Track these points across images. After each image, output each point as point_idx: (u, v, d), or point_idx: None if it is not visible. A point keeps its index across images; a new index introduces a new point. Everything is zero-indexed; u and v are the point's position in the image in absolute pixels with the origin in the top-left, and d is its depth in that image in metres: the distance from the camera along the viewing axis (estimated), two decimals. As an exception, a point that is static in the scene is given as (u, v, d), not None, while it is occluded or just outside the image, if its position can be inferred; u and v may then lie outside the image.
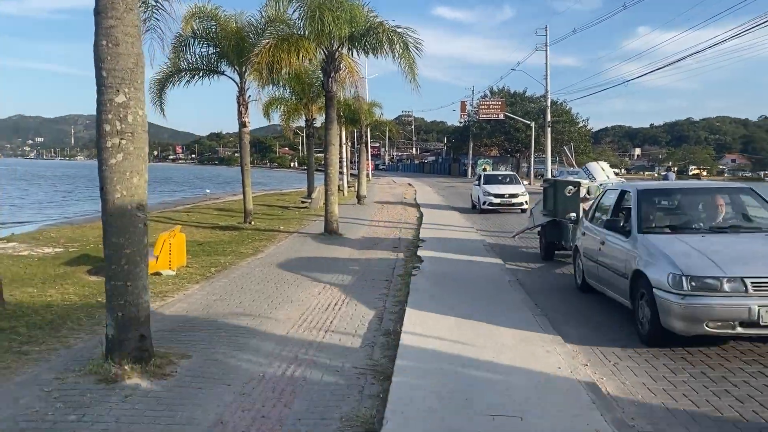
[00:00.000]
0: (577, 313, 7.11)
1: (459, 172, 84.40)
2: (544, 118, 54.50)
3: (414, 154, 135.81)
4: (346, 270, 9.85)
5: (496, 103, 63.11)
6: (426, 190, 39.12)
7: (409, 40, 13.21)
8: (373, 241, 13.70)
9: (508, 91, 72.94)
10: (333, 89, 14.13)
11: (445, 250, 11.77)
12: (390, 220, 18.54)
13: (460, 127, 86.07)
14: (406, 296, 7.58)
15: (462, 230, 15.70)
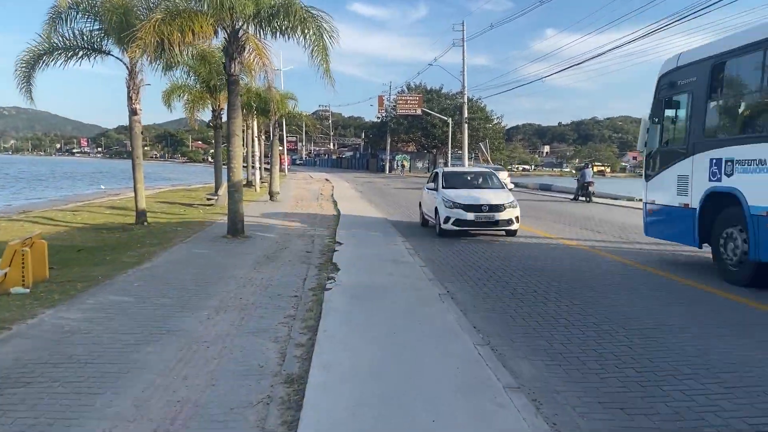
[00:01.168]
0: (523, 337, 5.97)
1: (377, 167, 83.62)
2: (460, 114, 54.30)
3: (332, 149, 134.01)
4: (249, 282, 8.31)
5: (414, 98, 62.53)
6: (344, 186, 37.76)
7: (323, 26, 11.80)
8: (284, 244, 12.17)
9: (425, 88, 72.74)
10: (236, 73, 12.45)
11: (364, 253, 10.46)
12: (304, 220, 17.02)
13: (378, 122, 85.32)
14: (318, 320, 6.17)
15: (379, 225, 14.46)
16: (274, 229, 14.66)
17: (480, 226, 13.21)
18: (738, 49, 8.52)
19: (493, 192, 14.01)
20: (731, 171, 8.33)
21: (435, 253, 11.22)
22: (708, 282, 8.57)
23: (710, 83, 9.12)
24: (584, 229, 15.42)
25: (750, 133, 8.30)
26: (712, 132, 9.20)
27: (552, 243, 12.99)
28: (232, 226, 12.64)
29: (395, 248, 11.45)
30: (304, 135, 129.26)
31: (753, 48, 8.12)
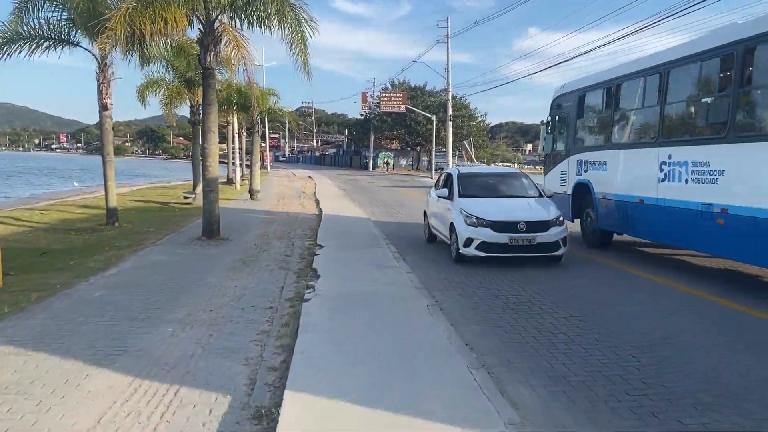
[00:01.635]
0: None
1: (360, 164, 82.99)
2: (444, 111, 53.88)
3: (315, 146, 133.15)
4: (221, 291, 7.67)
5: (398, 95, 61.94)
6: (327, 184, 37.07)
7: (302, 16, 11.20)
8: (262, 246, 11.53)
9: (409, 85, 72.27)
10: (211, 66, 11.77)
11: (346, 257, 9.86)
12: (285, 220, 16.36)
13: (361, 119, 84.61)
14: (295, 337, 5.57)
15: (363, 225, 13.84)
16: (252, 230, 13.99)
17: (516, 251, 9.51)
18: (590, 86, 12.44)
19: (530, 202, 10.50)
20: (586, 169, 12.20)
21: (427, 262, 10.66)
22: (695, 286, 8.12)
23: (578, 108, 12.91)
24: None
25: (594, 144, 12.30)
26: (578, 142, 12.94)
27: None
28: (207, 228, 11.98)
29: (379, 251, 10.86)
30: (287, 132, 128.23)
31: (598, 86, 12.07)
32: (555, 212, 10.01)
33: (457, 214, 10.03)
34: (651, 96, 10.13)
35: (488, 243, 9.47)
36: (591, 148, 12.21)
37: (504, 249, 9.49)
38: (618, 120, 11.38)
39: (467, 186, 10.92)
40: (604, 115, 11.94)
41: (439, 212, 11.44)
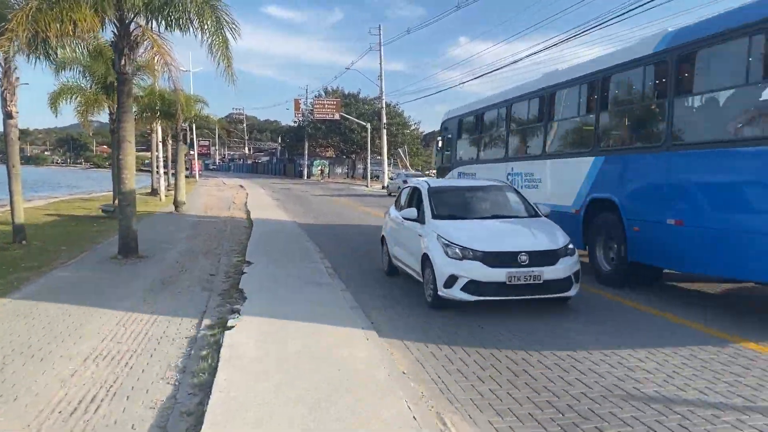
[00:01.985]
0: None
1: (295, 172, 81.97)
2: (379, 119, 53.83)
3: (247, 154, 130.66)
4: (134, 319, 6.96)
5: (331, 102, 61.50)
6: (259, 193, 36.13)
7: (223, 17, 10.55)
8: (185, 264, 10.78)
9: (343, 92, 72.02)
10: (127, 71, 10.95)
11: (277, 274, 9.26)
12: (211, 234, 15.54)
13: (295, 126, 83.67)
14: (214, 373, 4.97)
15: (296, 238, 13.25)
16: (175, 245, 13.15)
17: (516, 292, 7.06)
18: (465, 113, 15.33)
19: (527, 224, 8.20)
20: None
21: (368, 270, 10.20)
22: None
23: (458, 130, 15.68)
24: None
25: (469, 159, 14.83)
26: (459, 157, 15.54)
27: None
28: (123, 245, 11.11)
29: (313, 267, 10.33)
30: (217, 139, 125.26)
31: (470, 114, 14.92)
32: (563, 238, 7.60)
33: (432, 243, 7.62)
34: (502, 123, 13.32)
35: (479, 282, 7.02)
36: (467, 162, 14.90)
37: (500, 290, 7.04)
38: (483, 141, 14.52)
39: (442, 204, 8.56)
40: (474, 136, 15.03)
41: (404, 239, 8.98)
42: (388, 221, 10.26)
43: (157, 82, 22.91)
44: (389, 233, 9.98)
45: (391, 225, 10.00)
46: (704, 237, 7.14)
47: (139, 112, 24.15)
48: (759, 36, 6.41)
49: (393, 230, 9.79)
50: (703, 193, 7.26)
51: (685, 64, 7.77)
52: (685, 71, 7.84)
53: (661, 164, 7.96)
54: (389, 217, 10.22)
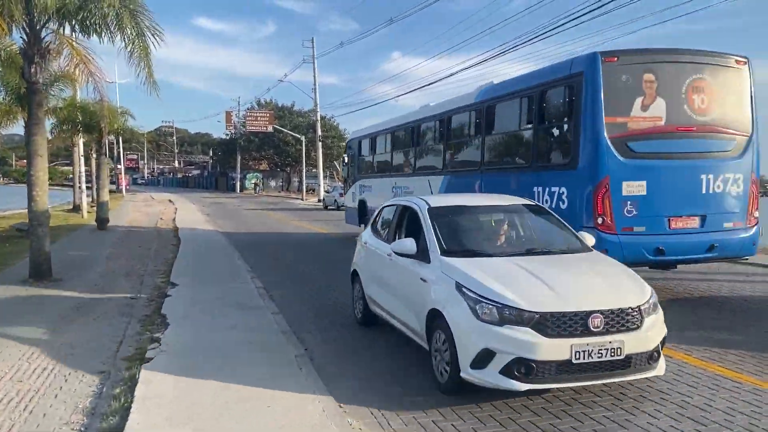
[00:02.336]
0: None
1: (227, 186, 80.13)
2: (314, 132, 53.31)
3: (177, 168, 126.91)
4: (41, 350, 6.28)
5: (264, 115, 60.49)
6: (189, 208, 34.87)
7: (144, 24, 9.94)
8: (104, 287, 10.02)
9: (276, 104, 71.00)
10: (38, 80, 10.14)
11: (203, 297, 8.68)
12: (136, 253, 14.67)
13: (227, 139, 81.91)
14: (127, 416, 4.43)
15: (227, 256, 12.61)
16: (95, 266, 12.28)
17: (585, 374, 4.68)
18: (361, 136, 18.56)
19: (584, 265, 5.82)
20: (363, 191, 17.43)
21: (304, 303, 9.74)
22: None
23: (358, 149, 18.68)
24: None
25: (365, 173, 17.81)
26: (360, 171, 18.38)
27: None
28: (35, 268, 10.23)
29: (243, 288, 9.79)
30: (146, 153, 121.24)
31: (365, 137, 18.07)
32: (643, 285, 5.21)
33: (448, 295, 5.09)
34: (387, 146, 16.44)
35: (531, 362, 4.52)
36: (365, 177, 17.74)
37: (562, 373, 4.61)
38: (376, 159, 17.51)
39: (452, 232, 6.05)
40: (369, 155, 17.95)
41: (393, 280, 6.45)
42: (361, 251, 7.67)
43: (78, 92, 21.79)
44: (364, 267, 7.39)
45: (366, 257, 7.39)
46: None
47: (57, 124, 22.84)
48: (516, 101, 10.05)
49: (371, 264, 7.22)
50: None
51: (489, 113, 10.90)
52: (489, 117, 10.92)
53: (478, 180, 10.89)
54: (363, 245, 7.60)
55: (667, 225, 8.20)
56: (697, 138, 8.39)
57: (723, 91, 8.59)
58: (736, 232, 8.60)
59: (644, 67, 8.27)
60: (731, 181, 8.50)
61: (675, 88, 8.28)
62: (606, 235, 7.85)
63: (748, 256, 9.19)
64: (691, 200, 8.31)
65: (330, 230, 21.53)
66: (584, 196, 8.15)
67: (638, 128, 8.17)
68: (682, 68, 8.44)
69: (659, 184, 8.09)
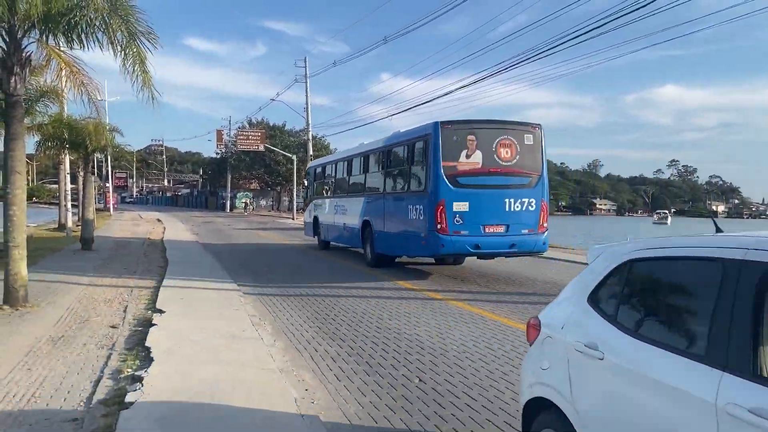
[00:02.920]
0: None
1: (217, 205, 79.32)
2: (305, 151, 52.80)
3: (166, 186, 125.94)
4: (7, 389, 5.55)
5: (256, 134, 59.94)
6: (178, 228, 34.09)
7: (136, 28, 9.32)
8: (84, 314, 9.28)
9: (268, 124, 70.55)
10: (18, 92, 9.46)
11: (191, 326, 7.97)
12: (121, 275, 13.92)
13: (218, 158, 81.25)
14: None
15: (216, 278, 11.91)
16: (75, 290, 11.51)
17: None
18: (316, 165, 22.74)
19: None
20: (316, 209, 21.32)
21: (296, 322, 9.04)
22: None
23: (314, 175, 22.37)
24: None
25: (318, 195, 21.34)
26: (315, 193, 21.91)
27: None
28: (8, 294, 9.46)
29: (234, 315, 9.10)
30: (134, 171, 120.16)
31: (318, 165, 22.23)
32: None
33: None
34: (329, 174, 20.46)
35: None
36: (318, 198, 21.60)
37: None
38: (324, 184, 21.05)
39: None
40: (320, 180, 21.73)
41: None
42: (561, 364, 3.28)
43: (66, 108, 21.11)
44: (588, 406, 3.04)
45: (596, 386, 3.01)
46: (395, 237, 14.40)
47: (43, 141, 22.13)
48: (400, 147, 14.53)
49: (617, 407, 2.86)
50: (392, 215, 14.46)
51: (387, 154, 15.19)
52: (388, 157, 15.17)
53: (382, 201, 15.17)
54: (581, 352, 3.13)
55: (482, 230, 12.35)
56: (502, 176, 12.64)
57: (522, 146, 12.72)
58: (530, 236, 12.68)
59: (468, 132, 12.57)
60: (527, 203, 12.60)
61: (488, 144, 12.50)
62: (443, 236, 12.11)
63: (541, 252, 13.48)
64: (499, 215, 12.42)
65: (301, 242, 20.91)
66: (431, 211, 12.27)
67: (464, 169, 12.45)
68: (494, 132, 12.69)
69: (477, 204, 12.30)
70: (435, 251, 12.82)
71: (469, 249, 12.36)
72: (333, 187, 19.95)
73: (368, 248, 15.90)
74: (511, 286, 12.74)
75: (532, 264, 16.54)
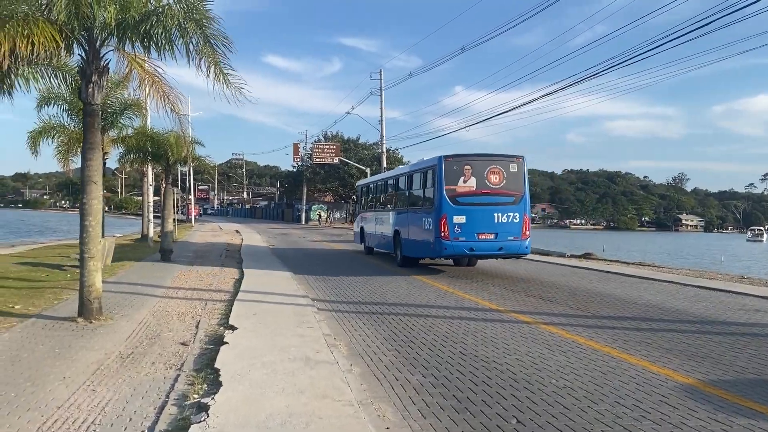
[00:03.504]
0: None
1: (293, 217, 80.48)
2: (378, 164, 52.61)
3: (245, 199, 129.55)
4: (66, 417, 5.14)
5: (331, 147, 60.46)
6: (255, 239, 34.43)
7: (210, 32, 8.99)
8: (155, 329, 8.97)
9: (342, 137, 71.06)
10: (95, 101, 9.35)
11: (263, 346, 7.45)
12: (197, 287, 13.75)
13: (294, 171, 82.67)
14: None
15: (289, 291, 11.43)
16: (150, 303, 11.34)
17: None
18: (364, 184, 26.61)
19: None
20: (362, 221, 24.93)
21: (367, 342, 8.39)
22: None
23: (361, 193, 26.56)
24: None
25: (365, 209, 24.88)
26: (362, 208, 25.55)
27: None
28: (83, 306, 9.30)
29: (308, 333, 8.52)
30: (216, 184, 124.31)
31: (366, 185, 25.95)
32: None
33: None
34: (374, 192, 23.70)
35: None
36: (364, 212, 24.95)
37: None
38: (369, 199, 24.30)
39: None
40: (366, 197, 25.14)
41: None
42: None
43: (147, 120, 21.57)
44: None
45: None
46: (414, 242, 17.60)
47: (125, 153, 22.70)
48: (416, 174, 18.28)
49: None
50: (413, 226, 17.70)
51: (411, 178, 18.68)
52: (409, 180, 18.80)
53: (405, 214, 18.58)
54: None
55: (476, 237, 15.60)
56: (492, 195, 15.86)
57: (507, 173, 15.92)
58: (515, 242, 15.84)
59: (464, 163, 15.86)
60: (512, 217, 15.76)
61: (481, 172, 15.80)
62: (445, 242, 15.50)
63: (524, 254, 16.60)
64: (489, 225, 15.64)
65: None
66: (437, 223, 15.63)
67: (462, 191, 15.75)
68: (485, 162, 15.93)
69: (472, 218, 15.59)
70: (439, 253, 16.12)
71: (465, 251, 16.08)
72: (374, 203, 23.56)
73: (398, 252, 19.28)
74: (606, 307, 11.58)
75: (628, 284, 15.18)
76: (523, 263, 20.00)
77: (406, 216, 18.61)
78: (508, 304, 11.87)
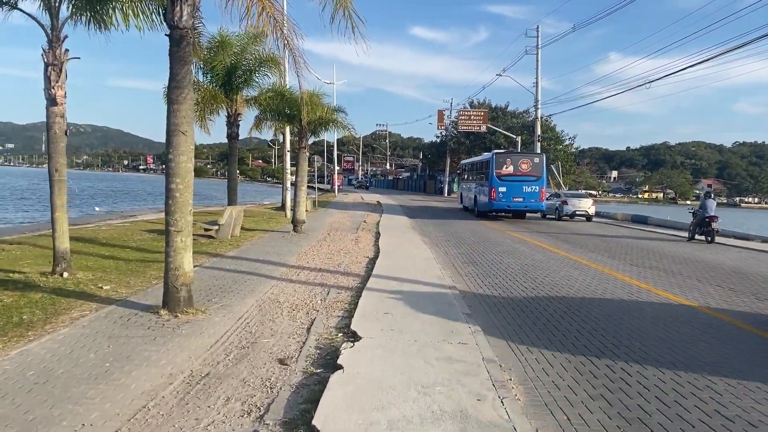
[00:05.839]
0: None
1: (435, 189, 78.00)
2: (529, 132, 48.20)
3: (388, 170, 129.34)
4: None
5: (478, 114, 56.63)
6: (394, 210, 32.26)
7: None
8: (255, 329, 6.64)
9: (490, 105, 66.68)
10: (184, 23, 7.05)
11: (392, 377, 4.76)
12: (323, 267, 11.49)
13: (437, 142, 79.79)
14: None
15: (433, 285, 8.67)
16: (261, 287, 9.12)
17: None
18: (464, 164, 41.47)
19: None
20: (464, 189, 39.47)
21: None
22: None
23: (463, 170, 40.94)
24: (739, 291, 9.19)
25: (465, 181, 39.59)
26: (463, 181, 40.99)
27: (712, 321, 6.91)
28: (167, 295, 7.17)
29: (460, 355, 5.67)
30: (360, 155, 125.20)
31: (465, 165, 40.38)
32: None
33: None
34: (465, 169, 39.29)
35: None
36: (464, 182, 38.60)
37: None
38: (467, 175, 37.57)
39: None
40: (465, 173, 38.31)
41: None
42: None
43: (285, 77, 19.71)
44: None
45: None
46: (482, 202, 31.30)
47: (261, 113, 21.22)
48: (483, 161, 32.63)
49: None
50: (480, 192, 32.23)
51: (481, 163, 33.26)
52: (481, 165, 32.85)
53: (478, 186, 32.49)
54: None
55: (511, 199, 28.46)
56: (523, 176, 28.59)
57: (532, 163, 29.03)
58: (536, 203, 28.77)
59: (507, 157, 29.81)
60: (535, 189, 28.50)
61: (517, 163, 28.96)
62: (494, 202, 28.60)
63: (541, 210, 29.63)
64: (520, 193, 28.43)
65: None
66: (490, 191, 28.83)
67: (504, 173, 28.70)
68: (519, 156, 29.86)
69: (510, 188, 28.45)
70: (490, 208, 29.12)
71: (505, 208, 28.78)
72: (466, 177, 37.60)
73: (475, 208, 31.77)
74: None
75: None
76: (730, 253, 15.60)
77: (478, 186, 31.63)
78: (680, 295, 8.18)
